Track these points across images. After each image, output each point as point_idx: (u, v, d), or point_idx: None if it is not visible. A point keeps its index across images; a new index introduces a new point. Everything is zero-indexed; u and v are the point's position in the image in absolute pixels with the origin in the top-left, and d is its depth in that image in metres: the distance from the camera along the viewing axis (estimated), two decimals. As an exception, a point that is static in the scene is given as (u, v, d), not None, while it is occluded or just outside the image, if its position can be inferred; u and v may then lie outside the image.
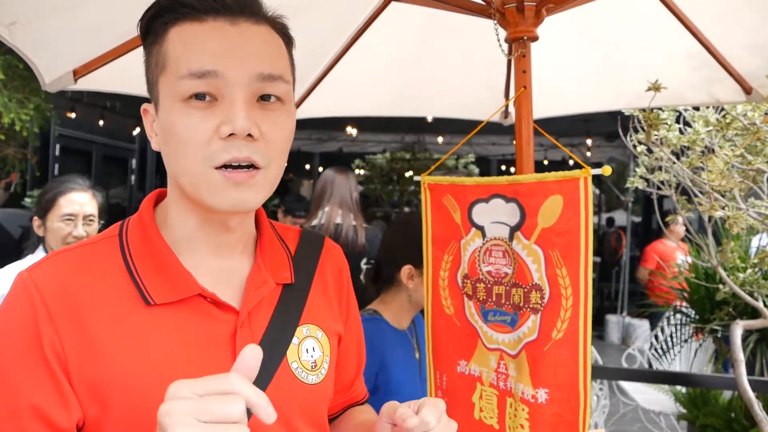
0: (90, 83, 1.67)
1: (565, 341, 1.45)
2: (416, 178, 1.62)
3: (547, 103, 2.09)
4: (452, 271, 1.64)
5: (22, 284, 0.82)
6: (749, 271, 3.13)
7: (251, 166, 0.82)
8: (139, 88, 2.22)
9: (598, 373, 3.59)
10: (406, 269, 1.75)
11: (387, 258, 1.84)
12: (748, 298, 2.71)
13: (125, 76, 1.76)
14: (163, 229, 0.90)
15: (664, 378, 3.21)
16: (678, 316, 4.51)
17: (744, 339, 3.57)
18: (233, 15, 0.83)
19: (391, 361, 1.81)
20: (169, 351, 0.83)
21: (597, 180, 11.82)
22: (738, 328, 2.70)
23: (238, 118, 0.80)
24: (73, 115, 7.14)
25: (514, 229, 1.50)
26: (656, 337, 5.20)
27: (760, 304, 2.74)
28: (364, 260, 1.97)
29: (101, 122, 7.69)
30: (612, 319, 8.86)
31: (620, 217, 10.83)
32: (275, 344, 0.89)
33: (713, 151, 2.41)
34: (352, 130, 8.60)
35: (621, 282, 8.99)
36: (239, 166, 0.81)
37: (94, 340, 0.81)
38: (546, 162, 9.58)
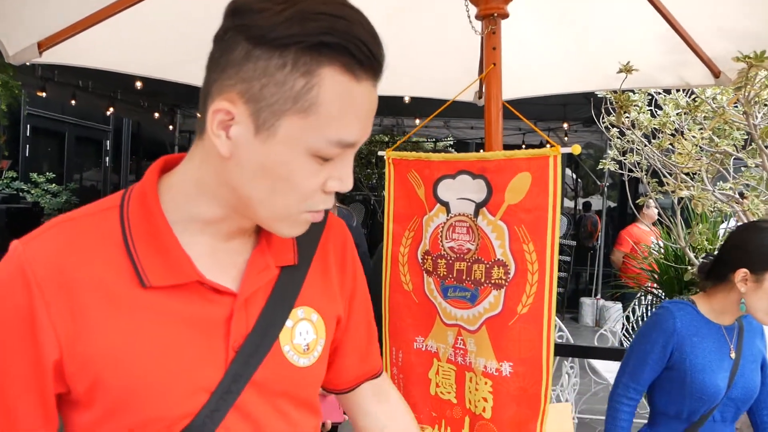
0: (56, 56, 1.64)
1: (530, 316, 1.48)
2: (380, 153, 1.61)
3: (519, 84, 2.10)
4: (413, 247, 1.65)
5: (16, 259, 0.80)
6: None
7: None
8: (110, 63, 2.20)
9: (569, 351, 3.65)
10: (741, 272, 1.74)
11: (725, 257, 1.84)
12: (714, 278, 2.77)
13: (94, 50, 1.73)
14: (168, 205, 0.85)
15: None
16: (649, 297, 4.60)
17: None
18: (377, 78, 0.81)
19: (690, 345, 1.82)
20: (162, 332, 0.82)
21: (574, 165, 11.91)
22: (704, 308, 2.76)
23: (348, 180, 0.83)
24: (43, 95, 6.99)
25: (479, 206, 1.51)
26: (627, 318, 5.29)
27: (724, 285, 2.80)
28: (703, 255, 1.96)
29: (73, 102, 7.54)
30: (586, 302, 8.98)
31: (597, 202, 10.94)
32: (269, 327, 0.88)
33: (683, 134, 2.45)
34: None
35: (596, 265, 9.11)
36: None
37: (87, 317, 0.79)
38: (524, 146, 9.63)
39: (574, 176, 12.30)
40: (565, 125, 7.70)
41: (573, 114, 7.41)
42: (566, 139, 9.09)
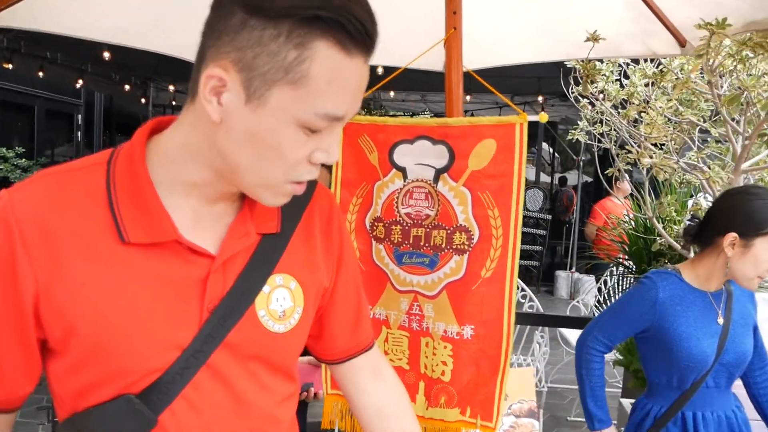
0: (9, 19, 1.59)
1: (493, 279, 1.50)
2: None
3: (485, 54, 2.09)
4: (360, 214, 1.64)
5: (1, 207, 0.83)
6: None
7: None
8: (72, 29, 2.14)
9: (539, 321, 3.71)
10: (731, 236, 1.73)
11: (713, 221, 1.83)
12: (679, 247, 2.81)
13: (53, 13, 1.68)
14: (155, 166, 0.87)
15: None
16: (620, 269, 4.67)
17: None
18: (369, 54, 0.81)
19: (674, 314, 1.83)
20: (137, 288, 0.83)
21: (551, 140, 11.97)
22: (669, 277, 2.81)
23: (334, 153, 0.84)
24: (10, 66, 6.81)
25: (440, 171, 1.52)
26: (599, 290, 5.37)
27: (690, 255, 2.84)
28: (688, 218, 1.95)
29: (41, 74, 7.37)
30: (561, 275, 9.11)
31: (574, 177, 11.02)
32: (245, 291, 0.90)
33: (648, 103, 2.46)
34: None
35: (571, 239, 9.22)
36: None
37: (65, 266, 0.81)
38: (500, 120, 9.61)
39: (551, 150, 12.37)
40: (540, 98, 7.70)
41: (549, 88, 7.42)
42: (543, 112, 9.10)
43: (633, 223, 4.05)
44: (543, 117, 1.53)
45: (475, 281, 1.51)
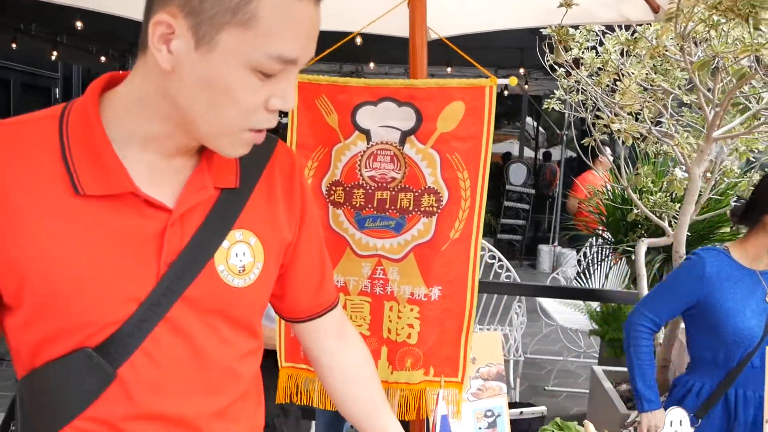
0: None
1: (460, 240, 1.51)
2: None
3: (456, 19, 2.07)
4: (316, 178, 1.62)
5: None
6: (660, 194, 3.26)
7: None
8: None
9: (517, 290, 3.74)
10: None
11: (760, 200, 1.84)
12: (653, 216, 2.84)
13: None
14: (110, 120, 0.86)
15: (574, 293, 3.37)
16: (600, 241, 4.71)
17: (651, 260, 3.76)
18: None
19: (720, 290, 1.85)
20: (92, 240, 0.83)
21: (535, 114, 11.97)
22: (642, 246, 2.83)
23: (290, 99, 0.84)
24: (-20, 39, 6.68)
25: (407, 134, 1.51)
26: (579, 262, 5.42)
27: (665, 224, 2.87)
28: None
29: (14, 45, 7.21)
30: (544, 249, 9.18)
31: (559, 153, 11.05)
32: (203, 246, 0.90)
33: (621, 71, 2.46)
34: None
35: (554, 213, 9.28)
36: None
37: (19, 218, 0.81)
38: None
39: (535, 125, 12.39)
40: (522, 70, 7.67)
41: (532, 61, 7.39)
42: (526, 86, 9.10)
43: (610, 194, 4.07)
44: (513, 80, 1.53)
45: (444, 242, 1.52)
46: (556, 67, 2.77)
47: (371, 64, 8.33)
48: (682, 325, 2.46)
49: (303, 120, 1.59)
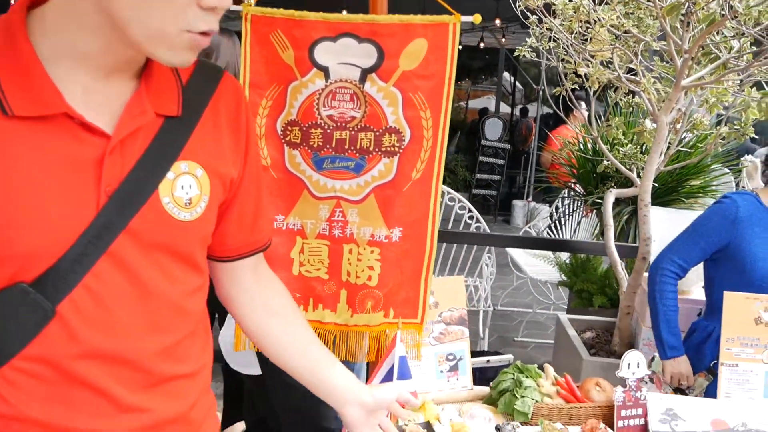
0: None
1: (422, 180, 1.49)
2: (235, 7, 1.47)
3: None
4: (271, 117, 1.56)
5: None
6: (629, 146, 3.27)
7: None
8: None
9: (487, 241, 3.76)
10: None
11: None
12: (622, 168, 2.84)
13: None
14: (38, 38, 0.80)
15: (542, 244, 3.39)
16: (571, 194, 4.74)
17: (619, 212, 3.79)
18: None
19: (751, 234, 1.85)
20: (24, 167, 0.79)
21: (513, 69, 11.87)
22: (610, 196, 2.85)
23: None
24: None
25: (367, 71, 1.47)
26: (551, 216, 5.46)
27: (633, 175, 2.88)
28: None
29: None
30: (518, 204, 9.23)
31: (536, 110, 11.02)
32: (147, 177, 0.86)
33: (591, 17, 2.42)
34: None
35: (529, 169, 9.29)
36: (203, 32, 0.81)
37: None
38: (460, 46, 9.47)
39: (512, 80, 12.31)
40: (498, 21, 7.55)
41: (509, 13, 7.28)
42: (503, 40, 8.99)
43: (582, 146, 4.08)
44: (477, 18, 1.49)
45: (406, 183, 1.50)
46: (528, 14, 2.72)
47: (344, 11, 8.13)
48: (646, 273, 2.49)
49: (256, 57, 1.53)
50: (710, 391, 1.91)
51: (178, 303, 0.93)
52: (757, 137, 2.77)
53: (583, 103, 3.98)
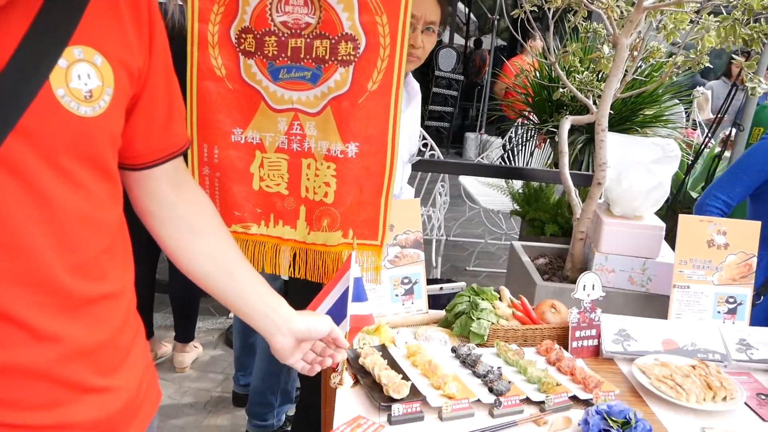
0: None
1: (379, 92, 1.40)
2: None
3: None
4: (224, 24, 1.44)
5: None
6: (586, 73, 3.23)
7: None
8: None
9: (440, 168, 3.71)
10: None
11: None
12: (578, 93, 2.80)
13: None
14: None
15: (495, 171, 3.36)
16: (525, 124, 4.71)
17: (574, 141, 3.79)
18: None
19: None
20: None
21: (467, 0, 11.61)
22: (566, 123, 2.81)
23: None
24: None
25: (322, -30, 1.35)
26: (504, 147, 5.45)
27: (589, 102, 2.85)
28: None
29: None
30: (470, 137, 9.22)
31: (489, 43, 10.87)
32: (33, 65, 0.73)
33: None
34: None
35: (482, 101, 9.23)
36: None
37: None
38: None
39: (467, 11, 12.07)
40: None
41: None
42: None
43: (538, 74, 4.02)
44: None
45: (362, 94, 1.40)
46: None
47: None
48: (601, 200, 2.49)
49: None
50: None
51: (89, 215, 0.82)
52: (711, 66, 2.76)
53: (538, 33, 3.90)
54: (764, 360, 1.65)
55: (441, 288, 2.23)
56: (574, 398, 1.43)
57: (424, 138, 4.06)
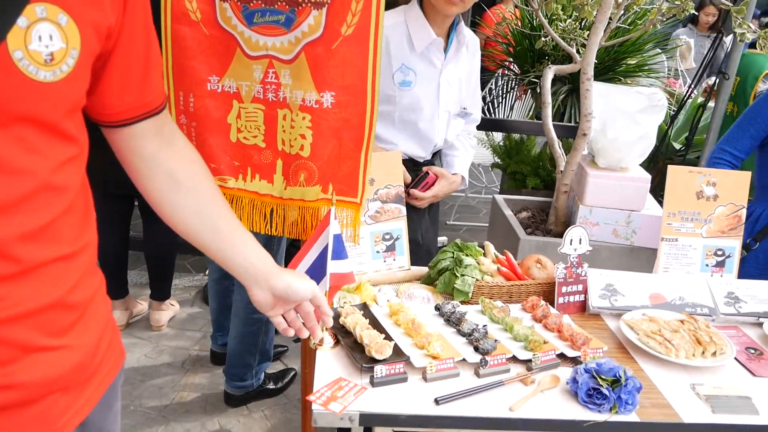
0: None
1: (355, 37, 1.30)
2: None
3: None
4: None
5: None
6: (569, 21, 3.13)
7: None
8: None
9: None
10: None
11: None
12: (562, 42, 2.71)
13: None
14: None
15: (480, 123, 3.25)
16: (506, 74, 4.61)
17: (556, 91, 3.71)
18: None
19: None
20: None
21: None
22: (549, 72, 2.72)
23: None
24: None
25: None
26: (483, 99, 5.34)
27: (572, 50, 2.76)
28: None
29: None
30: (449, 90, 9.06)
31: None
32: None
33: None
34: None
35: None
36: None
37: None
38: None
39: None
40: None
41: None
42: None
43: (519, 22, 3.91)
44: None
45: (335, 39, 1.30)
46: None
47: None
48: (585, 151, 2.43)
49: None
50: (743, 264, 2.00)
51: (45, 179, 0.76)
52: (696, 13, 2.68)
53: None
54: (753, 313, 1.63)
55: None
56: (561, 356, 1.39)
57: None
